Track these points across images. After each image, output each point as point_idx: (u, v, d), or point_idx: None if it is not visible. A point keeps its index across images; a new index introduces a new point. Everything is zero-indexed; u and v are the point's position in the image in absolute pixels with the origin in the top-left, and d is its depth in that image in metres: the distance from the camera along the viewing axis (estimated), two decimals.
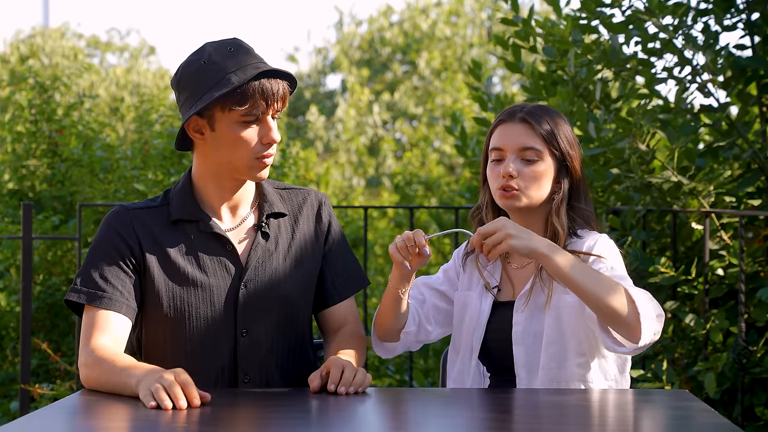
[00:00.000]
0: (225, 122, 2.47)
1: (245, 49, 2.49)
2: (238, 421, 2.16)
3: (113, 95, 15.67)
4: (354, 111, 15.96)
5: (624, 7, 4.11)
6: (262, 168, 2.50)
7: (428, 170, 11.01)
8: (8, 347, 5.64)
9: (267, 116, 2.48)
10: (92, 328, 2.47)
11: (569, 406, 2.30)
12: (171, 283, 2.51)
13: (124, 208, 2.56)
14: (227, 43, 2.49)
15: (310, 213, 2.66)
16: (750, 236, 4.06)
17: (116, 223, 2.54)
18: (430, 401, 2.43)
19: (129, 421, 2.14)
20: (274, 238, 2.60)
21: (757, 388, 3.88)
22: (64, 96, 6.86)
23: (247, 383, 2.54)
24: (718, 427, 2.06)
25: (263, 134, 2.48)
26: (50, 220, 5.62)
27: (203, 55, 2.48)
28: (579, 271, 2.40)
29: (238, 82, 2.42)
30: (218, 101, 2.44)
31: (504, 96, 4.95)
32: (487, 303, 2.67)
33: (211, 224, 2.54)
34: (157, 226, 2.54)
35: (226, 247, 2.55)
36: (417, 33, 17.64)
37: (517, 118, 2.63)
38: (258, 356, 2.55)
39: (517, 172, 2.60)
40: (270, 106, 2.46)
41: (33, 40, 17.74)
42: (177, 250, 2.53)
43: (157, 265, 2.52)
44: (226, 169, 2.52)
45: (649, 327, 2.38)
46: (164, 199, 2.59)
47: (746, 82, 4.12)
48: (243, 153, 2.48)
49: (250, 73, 2.43)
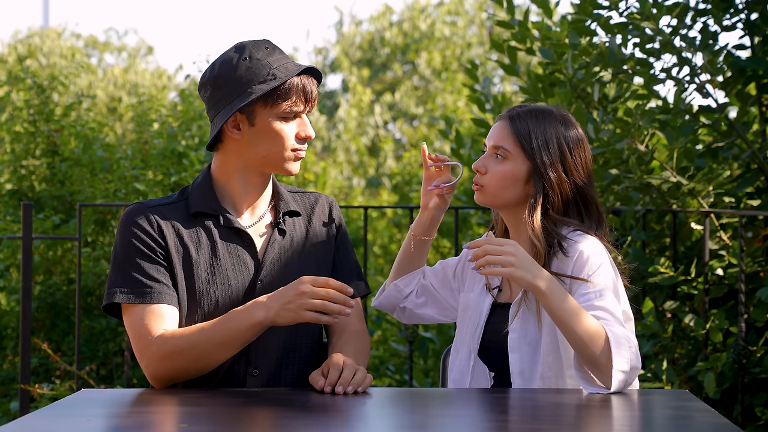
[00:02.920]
0: (266, 117, 2.54)
1: (279, 48, 2.59)
2: (239, 421, 2.16)
3: (111, 95, 15.66)
4: (355, 111, 15.96)
5: (621, 9, 4.11)
6: (296, 161, 2.58)
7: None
8: (8, 347, 5.64)
9: (303, 113, 2.57)
10: (149, 323, 2.48)
11: (569, 407, 2.30)
12: (191, 273, 2.54)
13: (142, 204, 2.59)
14: (263, 43, 2.57)
15: (322, 214, 2.72)
16: (750, 236, 4.06)
17: (138, 219, 2.56)
18: (430, 401, 2.43)
19: (129, 421, 2.14)
20: (290, 235, 2.64)
21: (756, 388, 3.89)
22: (62, 96, 6.86)
23: (256, 377, 2.56)
24: (718, 427, 2.06)
25: (301, 129, 2.57)
26: (50, 220, 5.62)
27: (243, 52, 2.54)
28: (568, 314, 2.39)
29: (285, 77, 2.50)
30: (263, 96, 2.51)
31: (502, 96, 4.96)
32: (486, 303, 2.68)
33: (232, 219, 2.59)
34: (177, 219, 2.58)
35: (246, 241, 2.59)
36: (416, 33, 17.64)
37: (502, 117, 2.65)
38: (269, 351, 2.57)
39: (485, 169, 2.61)
40: (308, 103, 2.56)
41: (31, 40, 17.73)
42: (197, 242, 2.57)
43: (178, 256, 2.55)
44: (259, 165, 2.58)
45: (620, 379, 2.38)
46: (181, 195, 2.63)
47: (745, 83, 4.13)
48: (281, 147, 2.55)
49: (293, 70, 2.52)
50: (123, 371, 5.44)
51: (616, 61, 4.07)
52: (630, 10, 4.09)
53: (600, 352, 2.38)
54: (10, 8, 41.90)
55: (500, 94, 4.96)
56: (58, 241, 5.59)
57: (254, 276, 2.58)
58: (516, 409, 2.36)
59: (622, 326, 2.45)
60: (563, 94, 4.18)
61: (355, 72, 17.63)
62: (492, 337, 2.64)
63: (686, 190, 3.99)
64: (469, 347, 2.68)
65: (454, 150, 5.25)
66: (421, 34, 17.52)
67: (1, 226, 5.68)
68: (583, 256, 2.51)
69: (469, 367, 2.68)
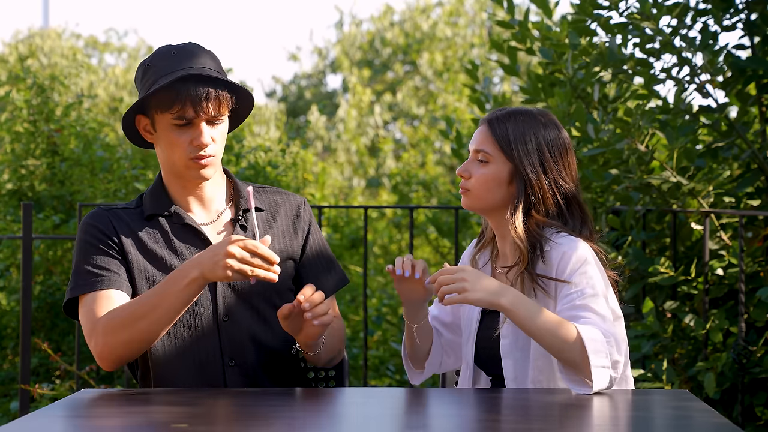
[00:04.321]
0: (162, 124, 2.57)
1: (191, 53, 2.58)
2: (239, 421, 2.16)
3: (112, 95, 15.65)
4: (355, 111, 15.96)
5: (621, 9, 4.11)
6: (199, 168, 2.58)
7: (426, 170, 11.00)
8: (8, 347, 5.64)
9: (200, 120, 2.55)
10: (97, 307, 2.53)
11: (569, 407, 2.30)
12: (151, 270, 2.58)
13: (100, 208, 2.65)
14: (174, 48, 2.59)
15: (288, 211, 2.73)
16: (750, 236, 4.06)
17: (95, 220, 2.62)
18: (430, 401, 2.43)
19: (129, 421, 2.14)
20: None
21: (756, 388, 3.88)
22: (62, 96, 6.85)
23: (232, 367, 2.59)
24: (718, 427, 2.06)
25: (194, 137, 2.56)
26: (50, 220, 5.62)
27: (149, 57, 2.60)
28: (537, 326, 2.39)
29: (161, 86, 2.51)
30: (152, 103, 2.55)
31: (502, 97, 4.95)
32: (476, 311, 2.67)
33: (183, 216, 2.62)
34: (134, 222, 2.63)
35: (201, 237, 2.62)
36: (418, 33, 17.64)
37: (483, 121, 2.65)
38: (241, 341, 2.60)
39: (468, 173, 2.62)
40: (199, 111, 2.53)
41: (31, 40, 17.73)
42: (154, 240, 2.61)
43: (136, 255, 2.59)
44: (173, 170, 2.62)
45: (601, 375, 2.37)
46: (138, 201, 2.69)
47: (745, 83, 4.12)
48: (178, 155, 2.57)
49: (172, 78, 2.51)
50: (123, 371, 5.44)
51: (616, 61, 4.07)
52: (630, 10, 4.09)
53: (576, 354, 2.38)
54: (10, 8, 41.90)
55: (500, 95, 4.95)
56: (58, 241, 5.58)
57: None
58: (516, 408, 2.36)
59: (604, 322, 2.44)
60: (563, 94, 4.18)
61: (355, 72, 17.63)
62: (485, 344, 2.63)
63: (686, 190, 3.99)
64: (466, 358, 2.68)
65: (455, 150, 5.23)
66: (423, 34, 17.52)
67: (1, 226, 5.68)
68: (565, 257, 2.51)
69: (465, 376, 2.69)
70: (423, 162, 11.93)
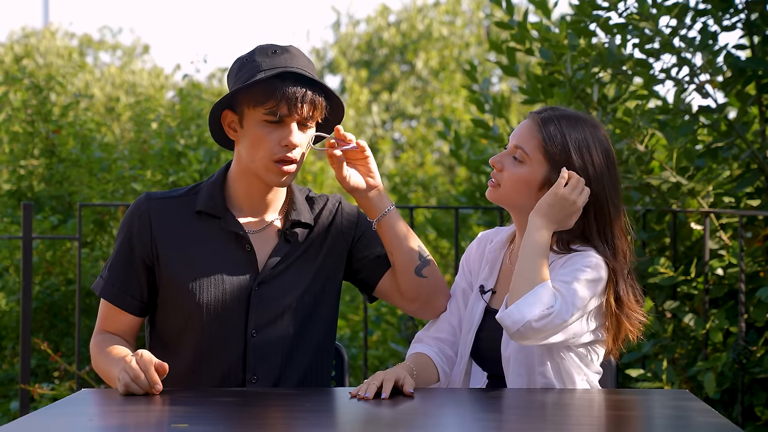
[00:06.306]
0: (251, 120, 2.49)
1: (291, 54, 2.51)
2: (239, 421, 2.16)
3: (108, 95, 15.64)
4: (353, 111, 15.96)
5: (620, 9, 4.11)
6: (280, 174, 2.50)
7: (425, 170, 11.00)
8: (8, 347, 5.64)
9: (292, 120, 2.48)
10: (103, 317, 2.61)
11: (570, 406, 2.31)
12: (187, 275, 2.53)
13: (147, 197, 2.60)
14: (275, 47, 2.52)
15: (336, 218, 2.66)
16: (749, 236, 4.06)
17: (134, 216, 2.58)
18: (429, 401, 2.43)
19: (129, 421, 2.14)
20: (296, 245, 2.59)
21: (756, 388, 3.88)
22: (59, 96, 6.85)
23: (254, 383, 2.54)
24: (718, 427, 2.07)
25: (282, 137, 2.48)
26: (49, 220, 5.61)
27: (248, 53, 2.52)
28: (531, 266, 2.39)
29: (258, 79, 2.44)
30: (245, 98, 2.47)
31: (501, 97, 4.95)
32: (479, 308, 2.61)
33: (233, 223, 2.55)
34: (178, 217, 2.57)
35: (245, 247, 2.56)
36: (414, 33, 17.64)
37: (530, 116, 2.54)
38: (267, 358, 2.55)
39: (501, 166, 2.53)
40: (293, 110, 2.46)
41: (27, 40, 17.71)
42: (195, 243, 2.55)
43: (173, 258, 2.54)
44: (252, 170, 2.53)
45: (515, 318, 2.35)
46: (192, 189, 2.61)
47: (745, 83, 4.13)
48: (262, 154, 2.49)
49: (272, 73, 2.44)
50: None
51: (616, 62, 4.07)
52: (629, 11, 4.09)
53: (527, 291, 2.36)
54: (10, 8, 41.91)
55: (500, 95, 4.95)
56: (57, 241, 5.58)
57: (250, 282, 2.54)
58: (516, 408, 2.36)
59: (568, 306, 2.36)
60: (562, 95, 4.18)
61: (353, 72, 17.64)
62: (488, 345, 2.58)
63: (686, 190, 3.99)
64: (461, 352, 2.63)
65: (453, 151, 5.23)
66: (419, 34, 17.52)
67: (1, 227, 5.67)
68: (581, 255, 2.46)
69: (459, 370, 2.63)
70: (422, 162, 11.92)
